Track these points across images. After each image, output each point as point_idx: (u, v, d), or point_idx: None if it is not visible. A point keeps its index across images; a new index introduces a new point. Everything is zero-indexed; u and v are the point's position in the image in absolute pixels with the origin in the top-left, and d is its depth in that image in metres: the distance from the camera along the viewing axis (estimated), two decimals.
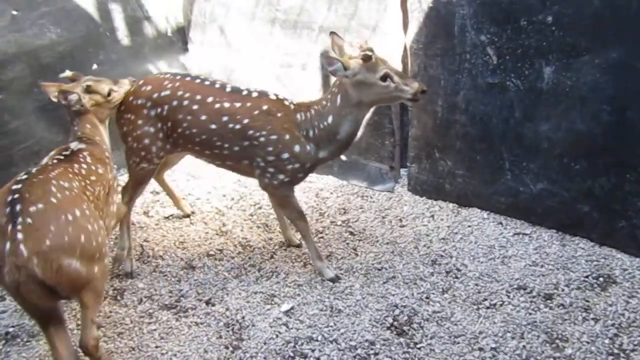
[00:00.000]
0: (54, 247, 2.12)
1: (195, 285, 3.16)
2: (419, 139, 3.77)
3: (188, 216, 3.78)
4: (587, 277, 3.01)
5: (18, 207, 2.14)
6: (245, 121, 2.88)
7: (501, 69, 3.25)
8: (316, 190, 4.00)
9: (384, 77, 2.74)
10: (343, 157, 3.52)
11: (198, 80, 3.01)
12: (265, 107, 2.89)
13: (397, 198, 3.89)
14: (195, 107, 2.93)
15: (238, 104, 2.91)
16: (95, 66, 4.07)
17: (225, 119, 2.90)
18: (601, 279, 2.99)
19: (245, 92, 2.95)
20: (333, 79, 2.99)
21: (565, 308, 2.83)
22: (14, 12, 3.55)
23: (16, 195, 2.18)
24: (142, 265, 3.34)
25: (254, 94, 2.95)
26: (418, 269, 3.19)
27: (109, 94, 2.96)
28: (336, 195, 3.97)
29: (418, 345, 2.68)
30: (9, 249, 2.08)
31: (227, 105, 2.91)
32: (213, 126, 2.91)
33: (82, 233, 2.22)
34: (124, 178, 4.37)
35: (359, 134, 2.98)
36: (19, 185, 2.24)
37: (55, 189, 2.28)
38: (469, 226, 3.53)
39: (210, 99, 2.92)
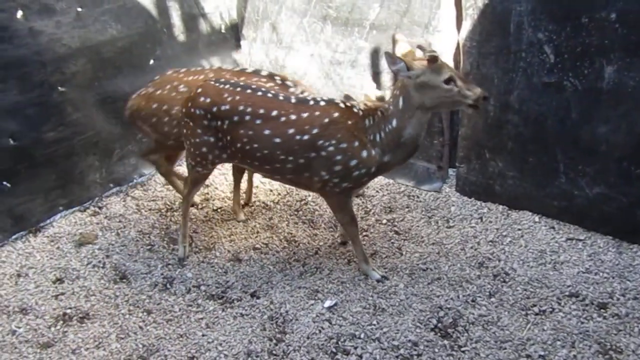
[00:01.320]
0: None
1: (241, 278, 3.23)
2: (468, 138, 3.70)
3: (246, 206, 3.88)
4: None
5: None
6: (315, 131, 2.79)
7: (558, 68, 3.14)
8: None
9: (448, 80, 2.66)
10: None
11: (260, 93, 2.90)
12: (335, 115, 2.82)
13: (445, 198, 3.83)
14: (258, 121, 2.84)
15: (305, 115, 2.82)
16: (152, 61, 4.21)
17: (291, 131, 2.81)
18: None
19: (312, 102, 2.87)
20: (394, 80, 2.95)
21: (621, 318, 2.71)
22: (79, 9, 3.72)
23: None
24: (191, 255, 3.44)
25: (322, 103, 2.86)
26: (464, 271, 3.13)
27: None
28: (382, 193, 3.95)
29: (462, 349, 2.63)
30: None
31: (293, 117, 2.82)
32: (278, 140, 2.83)
33: None
34: (177, 170, 4.51)
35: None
36: None
37: None
38: (519, 229, 3.43)
39: (274, 113, 2.84)
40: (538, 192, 3.45)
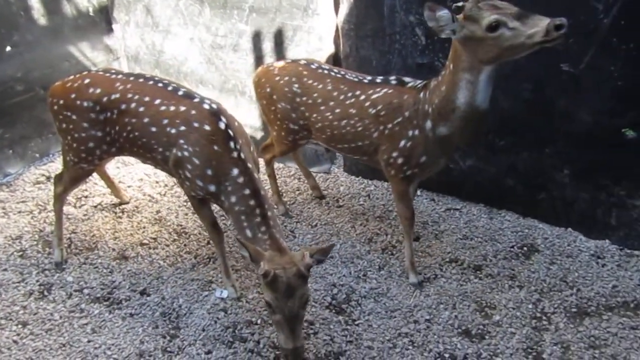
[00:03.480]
0: None
1: (129, 276, 3.06)
2: None
3: (127, 203, 3.64)
4: (512, 247, 3.18)
5: None
6: (182, 129, 2.59)
7: (429, 49, 3.32)
8: None
9: None
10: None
11: (151, 82, 2.74)
12: (206, 129, 2.56)
13: (334, 179, 3.93)
14: (141, 109, 2.67)
15: (182, 108, 2.62)
16: (8, 48, 3.78)
17: (165, 122, 2.63)
18: (525, 248, 3.17)
19: (197, 99, 2.65)
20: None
21: (493, 277, 2.98)
22: None
23: None
24: (71, 257, 3.19)
25: (205, 105, 2.63)
26: (355, 247, 3.24)
27: (493, 28, 2.24)
28: None
29: (356, 322, 2.74)
30: None
31: (172, 108, 2.63)
32: (153, 129, 2.65)
33: None
34: (49, 166, 4.14)
35: None
36: None
37: None
38: None
39: (157, 101, 2.66)
40: None
